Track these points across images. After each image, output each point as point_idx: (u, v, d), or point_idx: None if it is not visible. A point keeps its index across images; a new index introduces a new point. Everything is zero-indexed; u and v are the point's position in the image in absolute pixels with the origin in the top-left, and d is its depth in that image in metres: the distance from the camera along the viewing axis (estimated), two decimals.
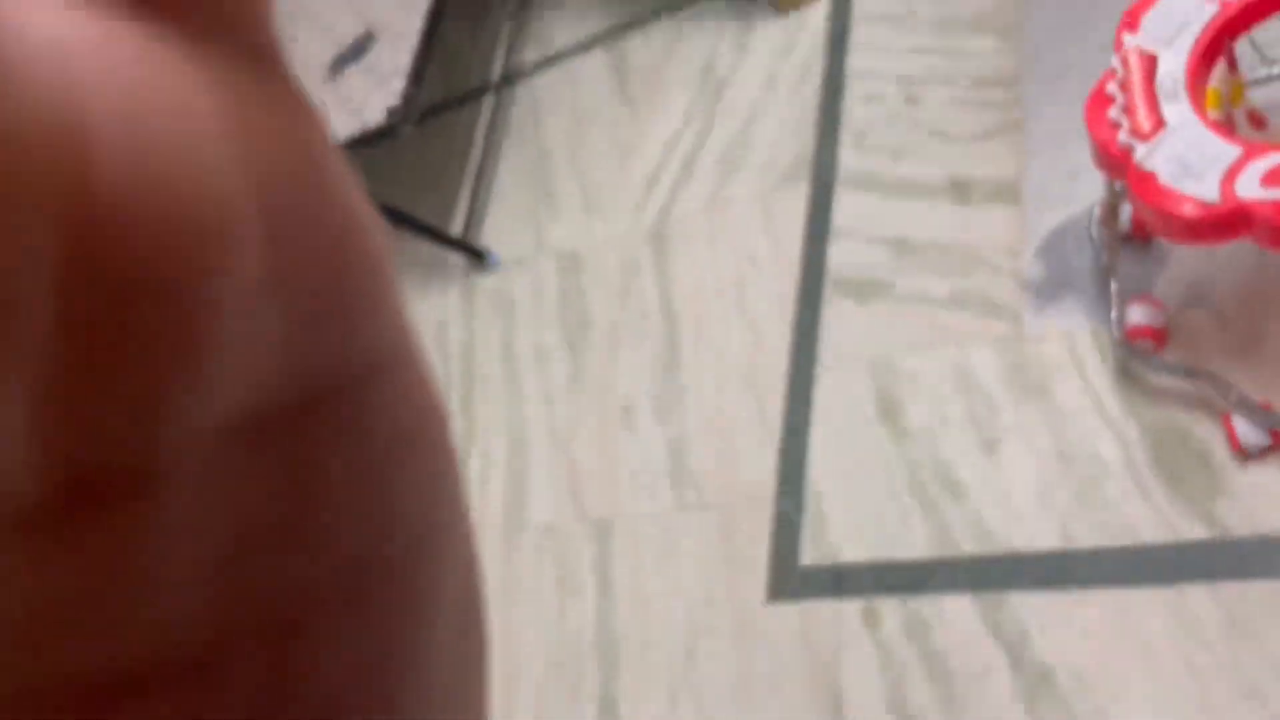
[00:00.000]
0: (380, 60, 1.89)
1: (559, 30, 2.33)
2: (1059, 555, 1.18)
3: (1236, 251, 1.22)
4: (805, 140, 1.71)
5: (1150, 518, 1.13)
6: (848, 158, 1.64)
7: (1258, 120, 1.17)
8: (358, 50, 1.94)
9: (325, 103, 1.94)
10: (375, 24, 1.99)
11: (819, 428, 1.45)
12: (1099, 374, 1.25)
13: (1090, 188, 1.35)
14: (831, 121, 1.69)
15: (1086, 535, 1.17)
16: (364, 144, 1.83)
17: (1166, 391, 1.19)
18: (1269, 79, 1.29)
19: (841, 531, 1.36)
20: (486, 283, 2.08)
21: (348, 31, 2.04)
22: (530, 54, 2.36)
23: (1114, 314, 1.22)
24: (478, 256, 2.08)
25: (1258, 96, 1.26)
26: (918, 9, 1.69)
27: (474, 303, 2.08)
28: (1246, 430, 1.10)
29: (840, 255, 1.56)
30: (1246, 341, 1.17)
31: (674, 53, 2.04)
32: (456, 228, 2.14)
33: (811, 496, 1.41)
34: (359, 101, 1.85)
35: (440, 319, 2.13)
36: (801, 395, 1.49)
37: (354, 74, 1.93)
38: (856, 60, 1.72)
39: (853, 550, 1.34)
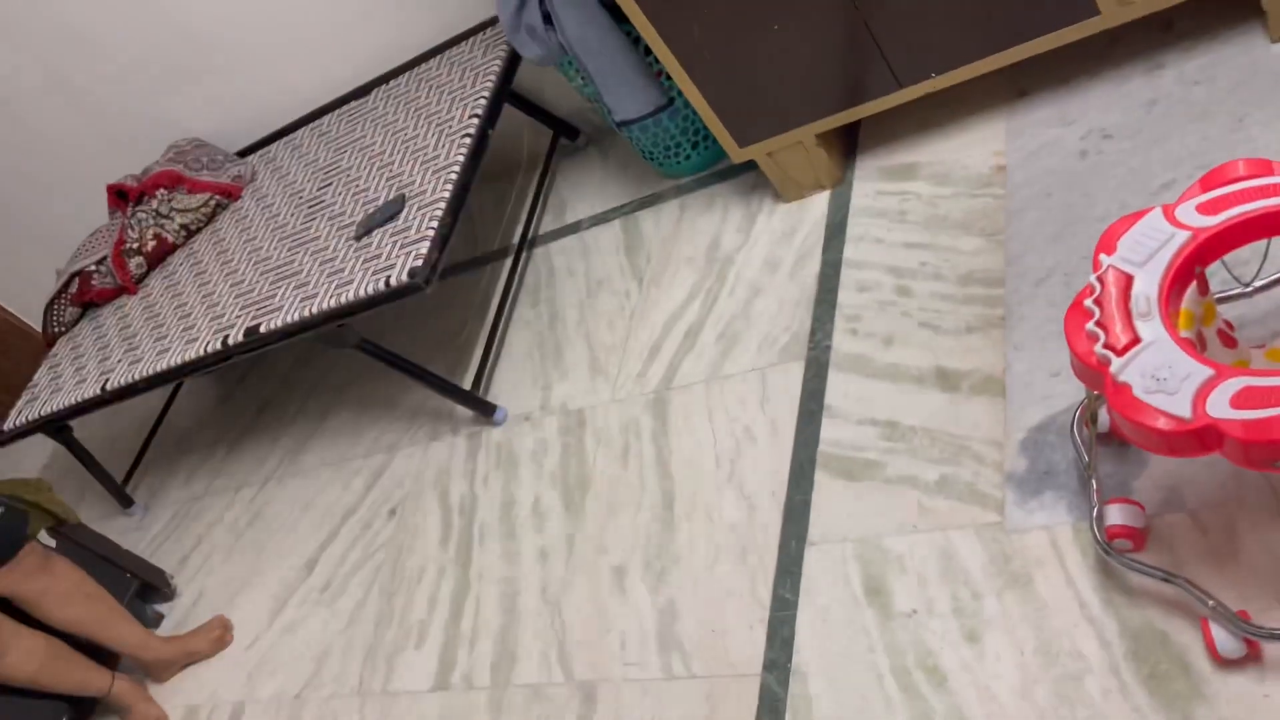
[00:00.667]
0: (409, 224, 2.01)
1: (577, 202, 2.48)
2: None
3: (1214, 460, 1.28)
4: (802, 321, 1.80)
5: (1130, 719, 1.14)
6: (841, 340, 1.72)
7: (1228, 338, 1.25)
8: (388, 214, 2.06)
9: (354, 260, 2.05)
10: (406, 189, 2.12)
11: (806, 605, 1.47)
12: (1080, 570, 1.28)
13: (1071, 386, 1.42)
14: (828, 305, 1.78)
15: None
16: (386, 300, 1.92)
17: (1146, 591, 1.22)
18: (1239, 296, 1.37)
19: (825, 712, 1.36)
20: (492, 436, 2.14)
21: (379, 195, 2.17)
22: (549, 223, 2.50)
23: (1094, 513, 1.26)
24: (486, 410, 2.15)
25: (1228, 311, 1.34)
26: (910, 208, 1.81)
27: (478, 456, 2.13)
28: (1224, 638, 1.12)
29: (832, 434, 1.62)
30: (1223, 548, 1.21)
31: (683, 230, 2.16)
32: (467, 381, 2.21)
33: (797, 674, 1.41)
34: (385, 261, 1.95)
35: (444, 468, 2.17)
36: (791, 571, 1.52)
37: (382, 234, 2.04)
38: (852, 250, 1.83)
39: None
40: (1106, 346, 1.11)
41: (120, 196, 2.78)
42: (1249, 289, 1.36)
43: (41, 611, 2.03)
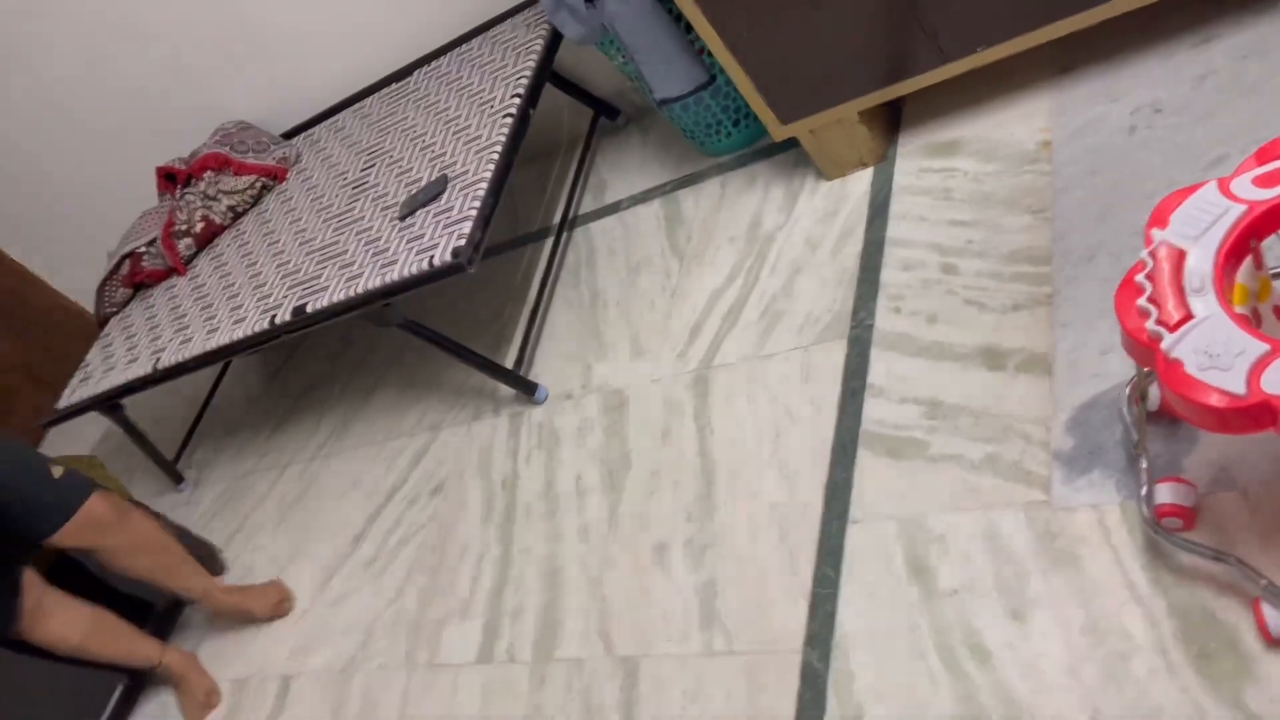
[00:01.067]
0: (451, 204, 2.02)
1: (617, 182, 2.48)
2: None
3: (1267, 438, 1.26)
4: (844, 299, 1.79)
5: (1178, 699, 1.14)
6: (884, 319, 1.71)
7: None
8: (431, 194, 2.08)
9: (398, 240, 2.07)
10: (448, 169, 2.13)
11: (848, 582, 1.47)
12: (1128, 549, 1.27)
13: (1119, 364, 1.40)
14: (870, 284, 1.77)
15: (1114, 712, 1.17)
16: (429, 280, 1.94)
17: (1196, 571, 1.21)
18: None
19: (868, 687, 1.36)
20: (534, 415, 2.16)
21: (422, 176, 2.19)
22: (589, 202, 2.50)
23: (1143, 492, 1.25)
24: (528, 389, 2.16)
25: None
26: (955, 185, 1.79)
27: (520, 434, 2.15)
28: (1275, 618, 1.11)
29: (875, 413, 1.62)
30: (1276, 527, 1.19)
31: (724, 209, 2.15)
32: (509, 361, 2.23)
33: (839, 651, 1.42)
34: (428, 241, 1.97)
35: (487, 446, 2.20)
36: (833, 549, 1.52)
37: (425, 215, 2.06)
38: (896, 228, 1.81)
39: (878, 708, 1.34)
40: (1159, 322, 1.09)
41: (169, 179, 2.83)
42: None
43: (114, 563, 2.07)
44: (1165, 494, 1.23)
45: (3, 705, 2.19)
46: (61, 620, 2.05)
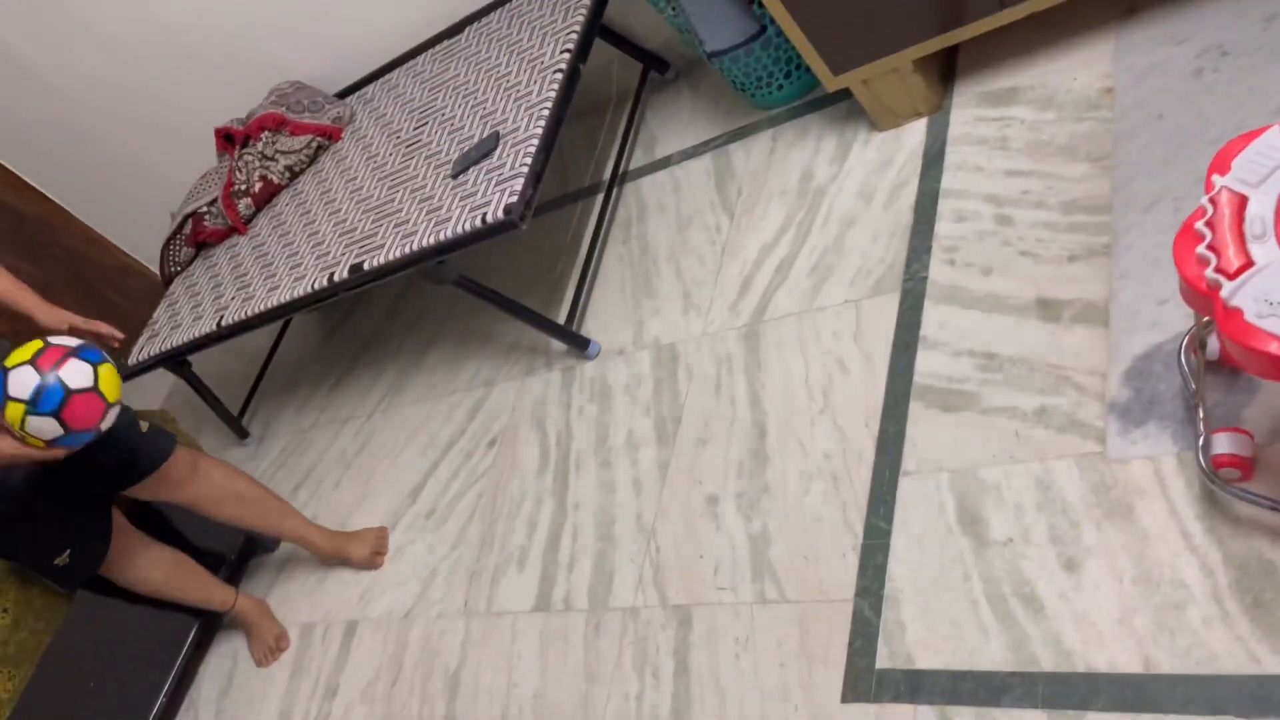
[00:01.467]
0: (503, 161, 2.04)
1: (667, 136, 2.47)
2: (1138, 679, 1.18)
3: None
4: (897, 252, 1.78)
5: (1232, 648, 1.14)
6: (938, 271, 1.70)
7: None
8: (483, 151, 2.09)
9: (451, 198, 2.10)
10: (500, 126, 2.15)
11: (900, 533, 1.48)
12: (1184, 500, 1.26)
13: (1178, 315, 1.38)
14: (924, 236, 1.76)
15: (1167, 661, 1.17)
16: (483, 237, 1.96)
17: (1253, 521, 1.20)
18: None
19: (919, 637, 1.38)
20: (586, 370, 2.19)
21: (474, 133, 2.21)
22: (639, 158, 2.50)
23: (1200, 441, 1.24)
24: (580, 345, 2.19)
25: None
26: (1012, 134, 1.76)
27: (573, 389, 2.18)
28: None
29: (927, 365, 1.61)
30: None
31: (775, 162, 2.14)
32: (561, 316, 2.26)
33: (890, 601, 1.44)
34: (481, 199, 2.00)
35: (540, 400, 2.23)
36: (884, 500, 1.53)
37: (478, 172, 2.08)
38: (950, 179, 1.79)
39: (929, 657, 1.36)
40: (1218, 270, 1.08)
41: (227, 140, 2.89)
42: None
43: (202, 511, 2.14)
44: (1223, 444, 1.22)
45: (88, 647, 2.30)
46: (145, 561, 2.15)
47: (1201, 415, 1.26)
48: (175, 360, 2.75)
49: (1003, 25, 1.72)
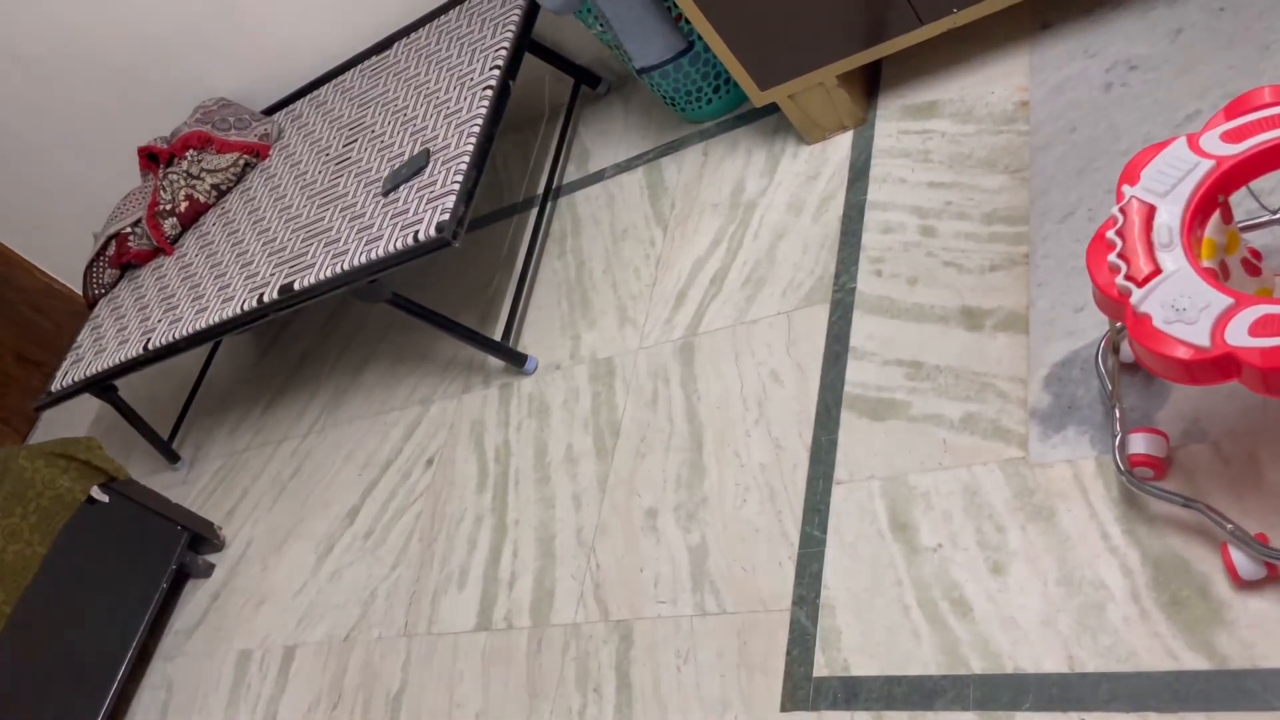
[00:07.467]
0: (434, 178, 2.03)
1: (600, 150, 2.48)
2: (1064, 678, 1.21)
3: (1236, 389, 1.29)
4: (826, 264, 1.81)
5: (1152, 645, 1.17)
6: (866, 282, 1.73)
7: (1252, 266, 1.25)
8: (414, 169, 2.08)
9: (382, 216, 2.08)
10: (430, 143, 2.14)
11: (834, 541, 1.51)
12: (1103, 502, 1.30)
13: (1095, 321, 1.43)
14: (852, 247, 1.79)
15: (1090, 660, 1.20)
16: (415, 255, 1.95)
17: (1168, 520, 1.25)
18: (1266, 223, 1.37)
19: (854, 644, 1.40)
20: (524, 385, 2.18)
21: (405, 150, 2.19)
22: (573, 172, 2.51)
23: (1116, 441, 1.28)
24: (517, 361, 2.18)
25: (1255, 239, 1.34)
26: (934, 146, 1.80)
27: (510, 405, 2.17)
28: (1243, 561, 1.14)
29: (857, 375, 1.64)
30: (1245, 477, 1.22)
31: (706, 176, 2.16)
32: (498, 332, 2.25)
33: (826, 609, 1.46)
34: (413, 216, 1.98)
35: (478, 418, 2.22)
36: (818, 509, 1.55)
37: (408, 190, 2.07)
38: (876, 191, 1.83)
39: (865, 663, 1.38)
40: (1128, 278, 1.11)
41: (151, 159, 2.83)
42: (1276, 216, 1.35)
43: None
44: (1138, 444, 1.26)
45: (11, 679, 2.22)
46: None
47: (1118, 417, 1.30)
48: (101, 385, 2.68)
49: (923, 40, 1.76)
